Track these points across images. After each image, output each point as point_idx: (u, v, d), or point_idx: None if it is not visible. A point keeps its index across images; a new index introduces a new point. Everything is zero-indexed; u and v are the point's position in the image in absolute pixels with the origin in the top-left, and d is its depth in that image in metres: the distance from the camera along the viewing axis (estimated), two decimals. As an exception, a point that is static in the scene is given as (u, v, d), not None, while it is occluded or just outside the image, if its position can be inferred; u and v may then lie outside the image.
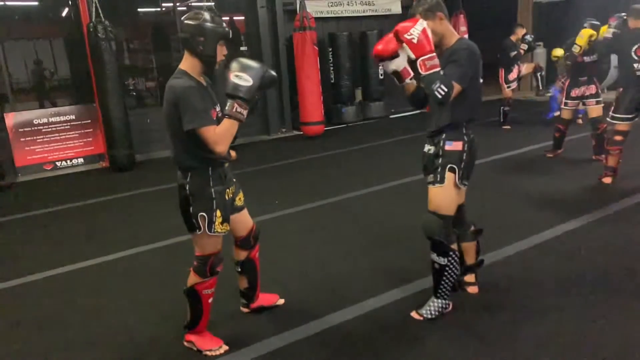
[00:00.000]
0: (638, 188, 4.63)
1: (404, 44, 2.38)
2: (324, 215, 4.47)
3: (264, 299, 3.01)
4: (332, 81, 9.31)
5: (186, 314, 2.62)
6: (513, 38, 7.69)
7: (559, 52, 7.23)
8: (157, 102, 9.54)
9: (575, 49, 5.28)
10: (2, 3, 9.08)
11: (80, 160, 7.57)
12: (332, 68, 9.25)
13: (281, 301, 3.03)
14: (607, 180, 4.83)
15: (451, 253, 2.68)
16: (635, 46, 4.49)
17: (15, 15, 9.84)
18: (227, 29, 2.39)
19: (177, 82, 2.31)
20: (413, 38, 2.35)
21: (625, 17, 4.98)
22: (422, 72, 2.38)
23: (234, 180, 2.63)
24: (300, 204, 4.80)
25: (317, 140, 8.04)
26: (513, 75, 7.73)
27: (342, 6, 9.59)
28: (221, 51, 2.39)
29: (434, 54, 2.39)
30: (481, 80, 2.72)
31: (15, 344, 2.91)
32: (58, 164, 7.43)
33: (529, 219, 4.09)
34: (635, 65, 4.49)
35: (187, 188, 2.41)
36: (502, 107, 7.86)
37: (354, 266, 3.50)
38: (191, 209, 2.42)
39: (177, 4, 8.85)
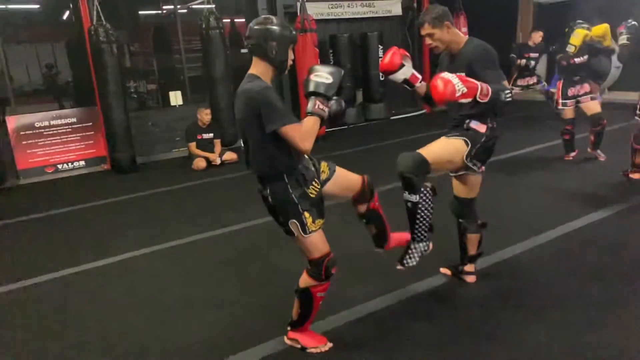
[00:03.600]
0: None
1: (461, 99, 2.45)
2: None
3: (396, 239, 2.87)
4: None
5: (293, 312, 2.61)
6: (530, 43, 7.68)
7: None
8: (158, 105, 9.56)
9: (570, 49, 5.33)
10: (3, 7, 9.11)
11: (82, 163, 7.57)
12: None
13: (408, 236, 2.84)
14: (637, 175, 4.84)
15: (423, 190, 2.68)
16: None
17: (17, 18, 9.87)
18: (295, 34, 2.38)
19: (252, 85, 2.26)
20: (463, 91, 2.43)
21: (635, 23, 5.17)
22: (485, 100, 2.50)
23: (315, 169, 2.53)
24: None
25: (319, 142, 7.92)
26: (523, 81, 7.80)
27: (343, 8, 9.59)
28: (291, 56, 2.36)
29: (480, 83, 2.48)
30: None
31: (16, 347, 2.92)
32: (59, 166, 7.43)
33: (552, 212, 4.09)
34: None
35: (270, 199, 2.41)
36: None
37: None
38: (280, 218, 2.43)
39: (178, 7, 8.86)
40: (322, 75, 2.27)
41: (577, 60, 5.44)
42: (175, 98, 8.32)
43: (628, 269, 3.20)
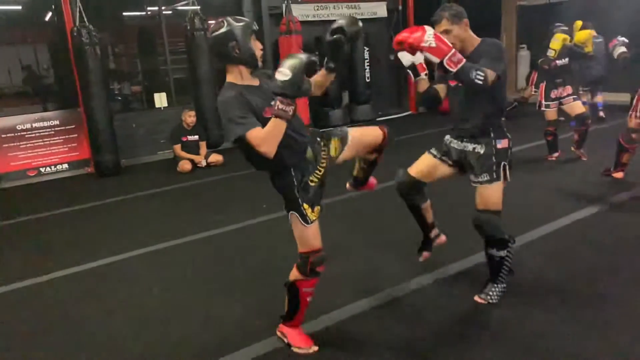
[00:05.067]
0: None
1: (424, 52, 2.43)
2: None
3: (369, 184, 3.04)
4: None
5: (283, 305, 2.61)
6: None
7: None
8: (143, 106, 9.47)
9: (551, 53, 5.44)
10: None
11: (65, 166, 7.47)
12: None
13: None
14: (619, 174, 4.93)
15: (509, 244, 2.82)
16: None
17: (-2, 20, 9.71)
18: (253, 22, 2.35)
19: (219, 98, 2.30)
20: (431, 43, 2.41)
21: (624, 39, 5.74)
22: (453, 69, 2.44)
23: (324, 160, 2.53)
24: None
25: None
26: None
27: (328, 10, 9.60)
28: (257, 45, 2.33)
29: (454, 50, 2.45)
30: None
31: (4, 352, 2.87)
32: (42, 170, 7.32)
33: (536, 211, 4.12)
34: None
35: (277, 187, 2.47)
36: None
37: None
38: (284, 206, 2.46)
39: (163, 8, 8.80)
40: (282, 72, 2.13)
41: (558, 62, 5.53)
42: (160, 100, 8.25)
43: (615, 265, 3.25)
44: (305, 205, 2.40)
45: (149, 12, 10.12)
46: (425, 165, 2.98)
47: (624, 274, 3.17)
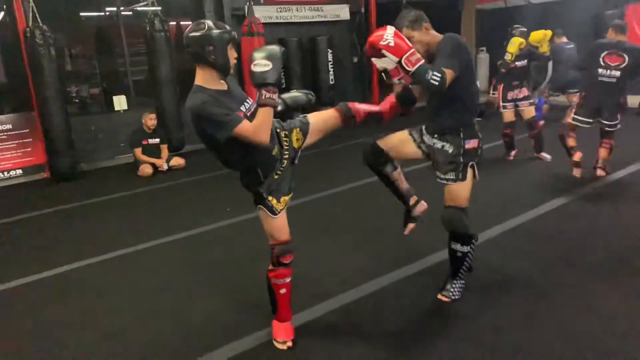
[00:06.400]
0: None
1: (384, 51, 2.44)
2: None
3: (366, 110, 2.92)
4: (283, 86, 9.28)
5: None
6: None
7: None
8: (101, 109, 9.22)
9: (507, 57, 5.59)
10: None
11: (19, 171, 7.17)
12: (282, 73, 9.21)
13: None
14: (578, 172, 5.09)
15: (472, 241, 2.88)
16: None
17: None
18: (233, 32, 2.37)
19: (192, 102, 2.30)
20: (389, 42, 2.43)
21: None
22: (410, 69, 2.45)
23: (286, 153, 2.57)
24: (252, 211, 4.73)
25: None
26: None
27: (291, 12, 9.58)
28: (232, 54, 2.35)
29: (413, 49, 2.46)
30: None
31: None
32: (-6, 176, 7.02)
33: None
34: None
35: (244, 184, 2.55)
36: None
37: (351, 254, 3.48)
38: (252, 200, 2.54)
39: (122, 8, 8.59)
40: (261, 64, 2.25)
41: (517, 64, 5.70)
42: (120, 102, 8.04)
43: (571, 258, 3.36)
44: (271, 197, 2.49)
45: (107, 13, 9.87)
46: (397, 138, 2.99)
47: (580, 267, 3.29)
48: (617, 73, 4.69)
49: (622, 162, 5.33)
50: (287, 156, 2.57)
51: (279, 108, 2.34)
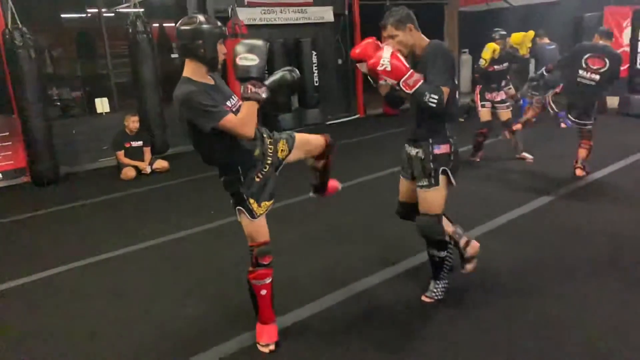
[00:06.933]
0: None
1: (382, 75, 2.48)
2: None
3: (331, 187, 3.16)
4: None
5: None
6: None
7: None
8: (84, 112, 9.11)
9: (482, 63, 5.67)
10: None
11: (-1, 175, 7.05)
12: (267, 75, 9.18)
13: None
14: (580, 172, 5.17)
15: (448, 246, 2.91)
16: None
17: None
18: (223, 28, 2.39)
19: (179, 91, 2.32)
20: (386, 67, 2.46)
21: None
22: (409, 91, 2.49)
23: (269, 158, 2.58)
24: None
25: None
26: None
27: (275, 14, 9.57)
28: (221, 50, 2.37)
29: (411, 71, 2.48)
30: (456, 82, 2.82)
31: None
32: (-27, 180, 6.88)
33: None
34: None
35: (224, 183, 2.53)
36: None
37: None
38: (231, 202, 2.53)
39: (103, 10, 8.50)
40: (247, 58, 2.26)
41: (496, 67, 5.76)
42: (102, 105, 7.96)
43: (550, 259, 3.40)
44: (251, 200, 2.48)
45: (88, 15, 9.76)
46: (404, 187, 3.01)
47: (563, 266, 3.33)
48: (597, 77, 4.78)
49: (601, 162, 5.41)
50: (270, 161, 2.57)
51: (263, 95, 2.33)
